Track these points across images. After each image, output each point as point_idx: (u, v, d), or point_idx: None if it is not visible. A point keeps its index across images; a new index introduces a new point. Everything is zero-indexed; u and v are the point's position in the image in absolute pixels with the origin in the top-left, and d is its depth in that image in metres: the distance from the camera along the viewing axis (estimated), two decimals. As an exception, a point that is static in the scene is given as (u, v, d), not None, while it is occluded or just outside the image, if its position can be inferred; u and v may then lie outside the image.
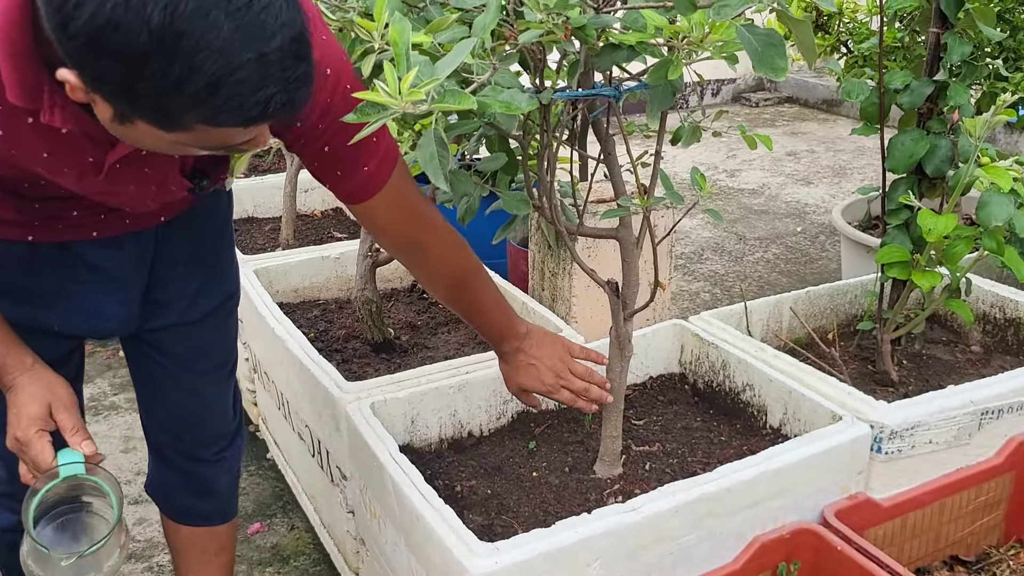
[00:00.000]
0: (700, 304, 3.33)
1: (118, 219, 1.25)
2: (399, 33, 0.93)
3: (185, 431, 1.47)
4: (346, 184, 1.20)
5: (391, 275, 2.28)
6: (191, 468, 1.50)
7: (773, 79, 0.91)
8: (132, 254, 1.29)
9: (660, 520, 1.28)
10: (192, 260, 1.36)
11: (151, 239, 1.30)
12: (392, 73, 0.88)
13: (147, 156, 1.08)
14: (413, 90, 0.83)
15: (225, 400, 1.50)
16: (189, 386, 1.43)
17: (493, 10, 0.97)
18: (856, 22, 2.75)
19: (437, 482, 1.51)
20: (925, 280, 1.66)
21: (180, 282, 1.36)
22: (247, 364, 2.27)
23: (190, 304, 1.38)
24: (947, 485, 1.56)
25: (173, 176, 1.17)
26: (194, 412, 1.46)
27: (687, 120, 1.44)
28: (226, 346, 1.49)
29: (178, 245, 1.34)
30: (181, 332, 1.39)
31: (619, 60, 1.11)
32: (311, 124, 1.11)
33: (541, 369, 1.43)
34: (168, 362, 1.41)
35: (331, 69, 1.08)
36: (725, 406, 1.72)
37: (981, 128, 1.54)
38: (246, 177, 2.90)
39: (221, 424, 1.50)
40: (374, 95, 0.86)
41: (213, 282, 1.41)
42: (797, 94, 6.77)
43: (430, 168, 0.89)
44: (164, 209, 1.29)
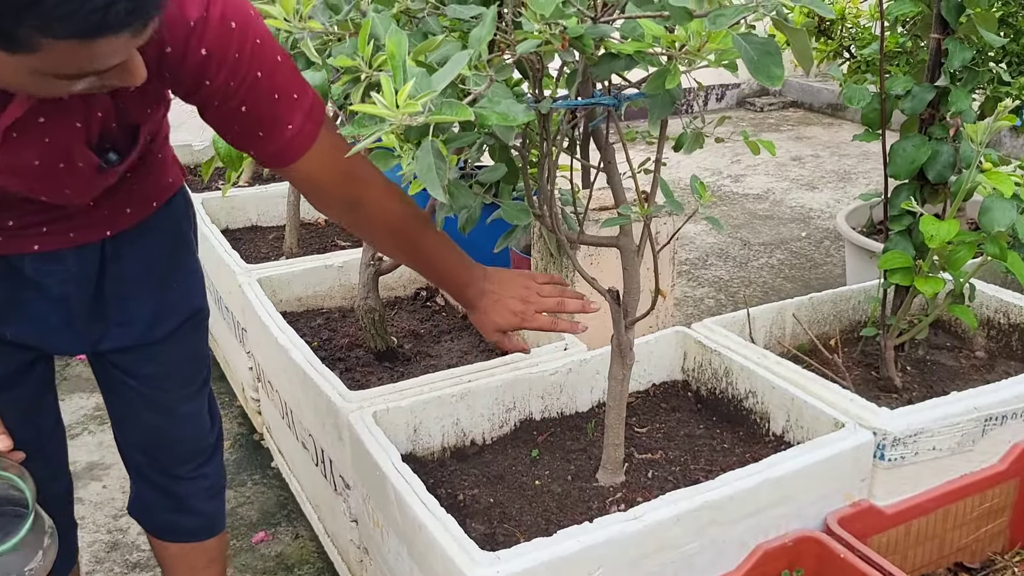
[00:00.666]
0: (704, 310, 3.33)
1: (60, 232, 1.21)
2: (396, 45, 0.93)
3: (160, 450, 1.44)
4: (271, 145, 1.14)
5: (394, 283, 2.28)
6: (169, 485, 1.47)
7: (769, 87, 0.91)
8: (73, 270, 1.24)
9: (662, 528, 1.28)
10: (146, 278, 1.32)
11: (95, 255, 1.26)
12: (389, 85, 0.88)
13: (45, 124, 1.03)
14: (410, 102, 0.84)
15: (200, 416, 1.47)
16: (161, 406, 1.40)
17: (489, 22, 0.98)
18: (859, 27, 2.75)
19: (440, 491, 1.51)
20: (928, 286, 1.66)
21: (136, 301, 1.31)
22: (251, 373, 2.28)
23: (150, 324, 1.33)
24: (951, 492, 1.55)
25: (78, 148, 1.09)
26: (168, 431, 1.43)
27: (689, 126, 1.44)
28: (196, 363, 1.45)
29: (130, 263, 1.29)
30: (146, 353, 1.35)
31: (617, 69, 1.11)
32: (221, 82, 1.06)
33: (509, 301, 1.39)
34: (137, 383, 1.37)
35: (236, 23, 1.04)
36: (728, 413, 1.72)
37: (983, 134, 1.53)
38: (249, 186, 2.91)
39: (197, 440, 1.47)
40: (371, 107, 0.86)
41: (173, 300, 1.36)
42: (802, 98, 6.77)
43: (428, 179, 0.90)
44: (108, 220, 1.24)
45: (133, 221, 1.29)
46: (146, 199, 1.31)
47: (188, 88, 1.09)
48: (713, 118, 1.49)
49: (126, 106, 1.11)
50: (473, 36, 0.98)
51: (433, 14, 1.22)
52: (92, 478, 2.35)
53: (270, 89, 1.10)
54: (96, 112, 1.08)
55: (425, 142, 0.89)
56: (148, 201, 1.32)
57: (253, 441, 2.48)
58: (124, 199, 1.27)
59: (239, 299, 2.16)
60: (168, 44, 1.03)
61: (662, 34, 1.00)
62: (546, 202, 1.38)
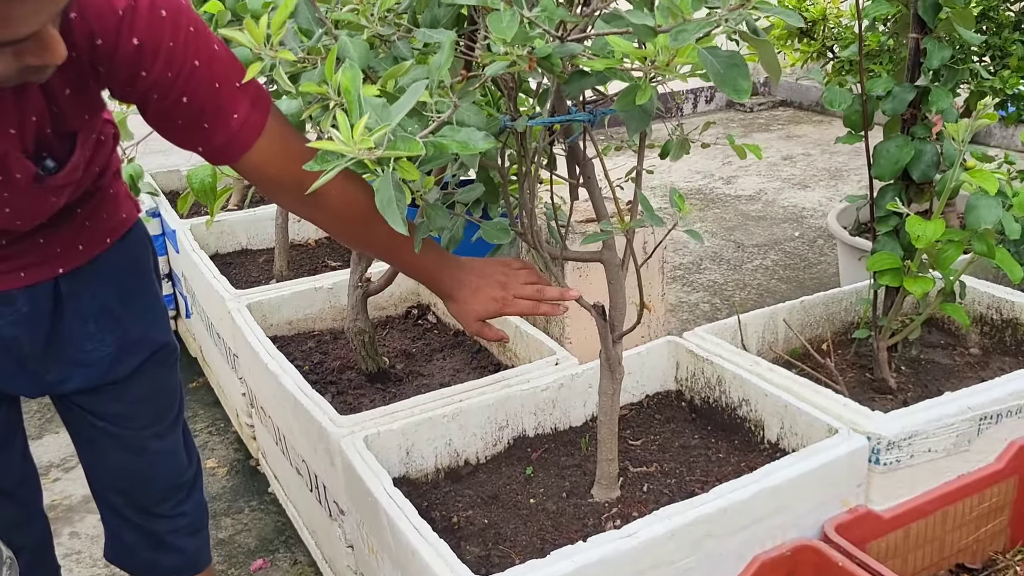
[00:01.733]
0: (700, 315, 3.32)
1: (10, 271, 1.19)
2: (350, 80, 0.93)
3: (136, 489, 1.41)
4: (218, 137, 1.10)
5: (385, 303, 2.27)
6: (148, 524, 1.43)
7: (736, 100, 0.90)
8: (24, 310, 1.21)
9: (656, 545, 1.27)
10: (104, 315, 1.28)
11: (48, 294, 1.23)
12: (345, 120, 0.88)
13: None
14: (364, 137, 0.83)
15: (175, 454, 1.44)
16: (132, 445, 1.37)
17: (447, 48, 0.97)
18: (841, 27, 2.75)
19: (434, 513, 1.50)
20: (917, 286, 1.65)
21: (95, 340, 1.28)
22: (244, 399, 2.27)
23: (112, 363, 1.30)
24: (949, 493, 1.54)
25: (14, 156, 1.05)
26: (142, 471, 1.40)
27: (675, 133, 1.43)
28: (166, 400, 1.42)
29: (88, 300, 1.26)
30: (111, 393, 1.32)
31: (588, 86, 1.11)
32: (158, 73, 1.03)
33: (488, 288, 1.34)
34: (105, 424, 1.34)
35: (167, 11, 1.02)
36: (722, 422, 1.71)
37: (964, 132, 1.53)
38: (238, 209, 2.90)
39: (174, 477, 1.44)
40: (328, 144, 0.86)
41: (135, 336, 1.33)
42: (791, 97, 6.77)
43: (387, 213, 0.89)
44: (60, 257, 1.21)
45: (86, 258, 1.26)
46: (99, 235, 1.28)
47: (124, 82, 1.05)
48: (700, 122, 1.49)
49: (61, 111, 1.08)
50: (433, 63, 0.97)
51: (404, 38, 1.21)
52: (88, 511, 2.33)
53: (210, 78, 1.07)
54: (30, 116, 1.05)
55: (385, 175, 0.88)
56: (102, 237, 1.29)
57: (249, 467, 2.47)
58: (76, 235, 1.25)
59: (229, 325, 2.16)
60: (98, 36, 1.01)
61: (631, 50, 1.00)
62: (528, 220, 1.37)
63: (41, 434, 2.61)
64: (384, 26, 1.20)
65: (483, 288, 1.36)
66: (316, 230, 2.91)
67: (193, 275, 2.57)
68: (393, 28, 1.21)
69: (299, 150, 1.16)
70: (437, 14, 1.23)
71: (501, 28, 0.89)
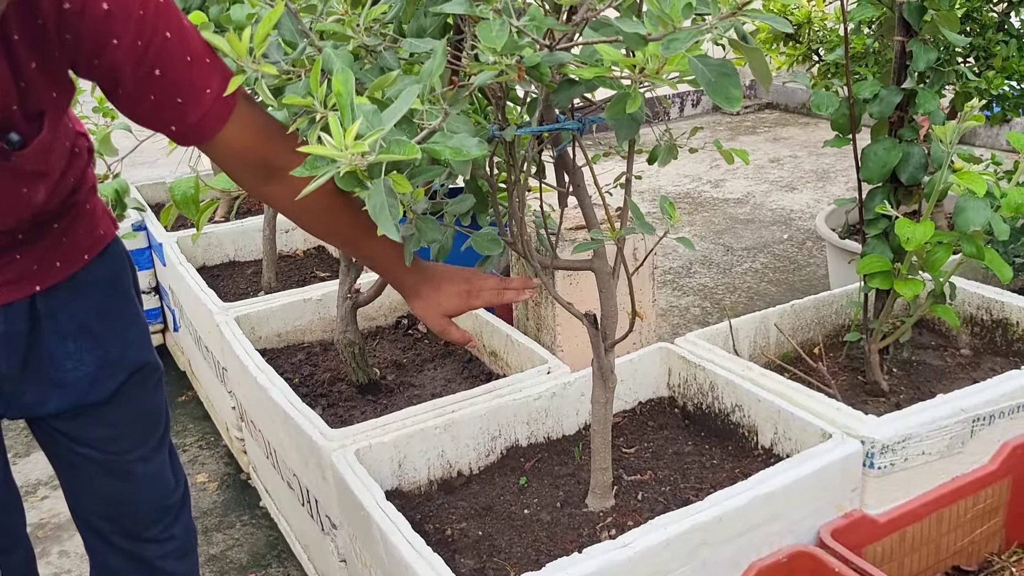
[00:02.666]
0: (690, 319, 3.32)
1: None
2: (342, 84, 0.92)
3: (123, 515, 1.37)
4: (193, 114, 1.07)
5: (375, 313, 2.26)
6: (137, 550, 1.39)
7: (728, 109, 0.90)
8: (0, 330, 1.18)
9: (652, 554, 1.26)
10: (83, 334, 1.25)
11: (24, 313, 1.20)
12: (337, 125, 0.87)
13: None
14: (357, 142, 0.82)
15: (162, 476, 1.40)
16: (117, 470, 1.33)
17: (440, 55, 0.96)
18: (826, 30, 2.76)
19: (427, 526, 1.49)
20: (907, 289, 1.65)
21: (75, 359, 1.24)
22: (234, 412, 2.25)
23: (92, 383, 1.27)
24: (943, 495, 1.54)
25: None
26: (128, 496, 1.36)
27: (663, 139, 1.43)
28: (150, 421, 1.38)
29: (66, 319, 1.23)
30: (92, 416, 1.28)
31: (577, 95, 1.10)
32: (128, 41, 1.00)
33: (452, 284, 1.33)
34: (87, 449, 1.30)
35: None
36: (716, 428, 1.71)
37: (951, 134, 1.53)
38: (225, 221, 2.89)
39: (162, 499, 1.40)
40: (320, 148, 0.85)
41: (114, 356, 1.29)
42: (778, 99, 6.80)
43: (380, 219, 0.88)
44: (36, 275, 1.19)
45: (64, 275, 1.23)
46: (76, 251, 1.26)
47: (91, 52, 1.01)
48: (687, 127, 1.48)
49: (28, 86, 1.04)
50: (424, 70, 0.96)
51: (390, 48, 1.21)
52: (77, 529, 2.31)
53: (182, 51, 1.05)
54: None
55: (376, 181, 0.87)
56: (79, 253, 1.26)
57: (240, 481, 2.45)
58: (52, 251, 1.22)
59: (217, 338, 2.14)
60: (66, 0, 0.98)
61: (620, 58, 0.99)
62: (517, 229, 1.36)
63: (28, 451, 2.58)
64: (370, 36, 1.20)
65: (447, 284, 1.35)
66: (305, 241, 2.90)
67: (180, 288, 2.55)
68: (379, 38, 1.20)
69: (269, 123, 1.14)
70: (424, 23, 1.23)
71: (491, 37, 0.88)
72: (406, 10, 1.25)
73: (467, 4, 0.91)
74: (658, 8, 0.86)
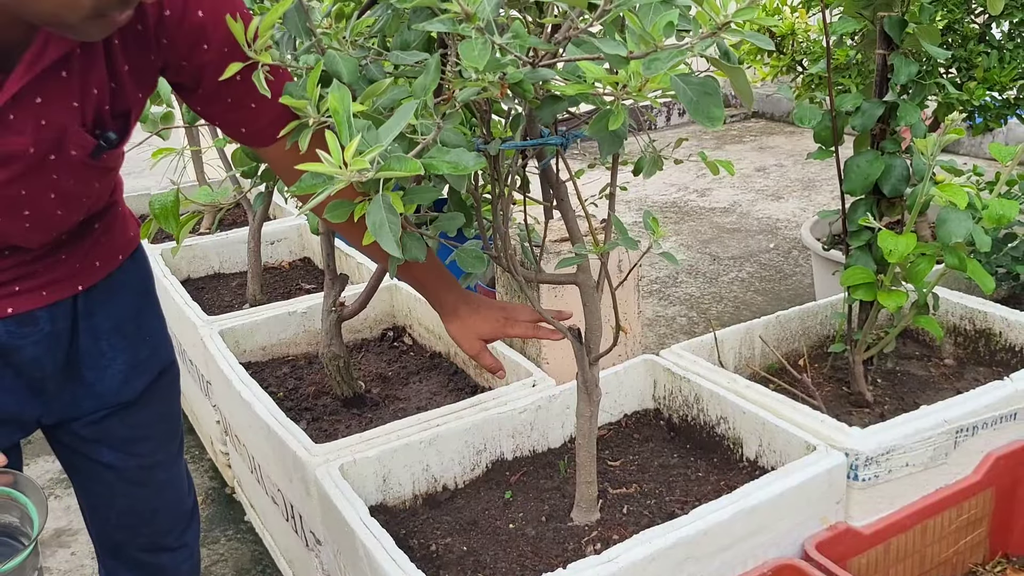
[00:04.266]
0: (677, 329, 3.32)
1: (32, 290, 1.18)
2: (339, 100, 0.92)
3: (141, 524, 1.40)
4: (263, 118, 1.14)
5: (360, 326, 2.25)
6: (154, 560, 1.42)
7: (709, 128, 0.90)
8: (47, 330, 1.21)
9: (637, 569, 1.26)
10: (117, 333, 1.29)
11: (68, 312, 1.23)
12: (335, 142, 0.87)
13: (42, 104, 1.01)
14: (357, 159, 0.82)
15: (180, 481, 1.44)
16: (138, 477, 1.36)
17: (433, 69, 0.96)
18: (809, 42, 2.78)
19: (412, 541, 1.48)
20: (891, 300, 1.66)
21: (108, 358, 1.28)
22: (219, 426, 2.23)
23: (123, 382, 1.30)
24: (927, 507, 1.54)
25: (73, 128, 1.06)
26: (149, 501, 1.39)
27: (647, 150, 1.43)
28: (171, 423, 1.42)
29: (102, 319, 1.27)
30: (118, 416, 1.31)
31: (559, 111, 1.10)
32: (216, 47, 1.07)
33: (490, 310, 1.38)
34: (111, 455, 1.33)
35: None
36: (701, 440, 1.71)
37: (932, 147, 1.54)
38: (209, 233, 2.87)
39: (178, 505, 1.44)
40: (318, 166, 0.84)
41: (144, 356, 1.33)
42: (763, 108, 6.83)
43: (380, 235, 0.88)
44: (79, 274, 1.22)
45: (102, 275, 1.27)
46: (113, 252, 1.30)
47: (183, 55, 1.08)
48: (673, 136, 1.49)
49: (120, 87, 1.09)
50: (418, 85, 0.96)
51: (376, 61, 1.21)
52: (60, 545, 2.29)
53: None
54: (92, 89, 1.06)
55: (376, 198, 0.87)
56: (115, 254, 1.30)
57: (225, 495, 2.43)
58: (92, 250, 1.26)
59: (201, 352, 2.13)
60: (167, 7, 1.05)
61: (603, 76, 0.99)
62: (501, 243, 1.36)
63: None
64: (356, 49, 1.20)
65: (486, 309, 1.39)
66: (290, 252, 2.89)
67: (164, 301, 2.53)
68: (365, 51, 1.20)
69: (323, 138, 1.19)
70: (408, 38, 1.23)
71: (473, 56, 0.88)
72: (391, 24, 1.25)
73: (450, 23, 0.91)
74: (640, 27, 0.86)
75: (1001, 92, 2.52)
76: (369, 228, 0.93)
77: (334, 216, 1.05)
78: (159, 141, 2.47)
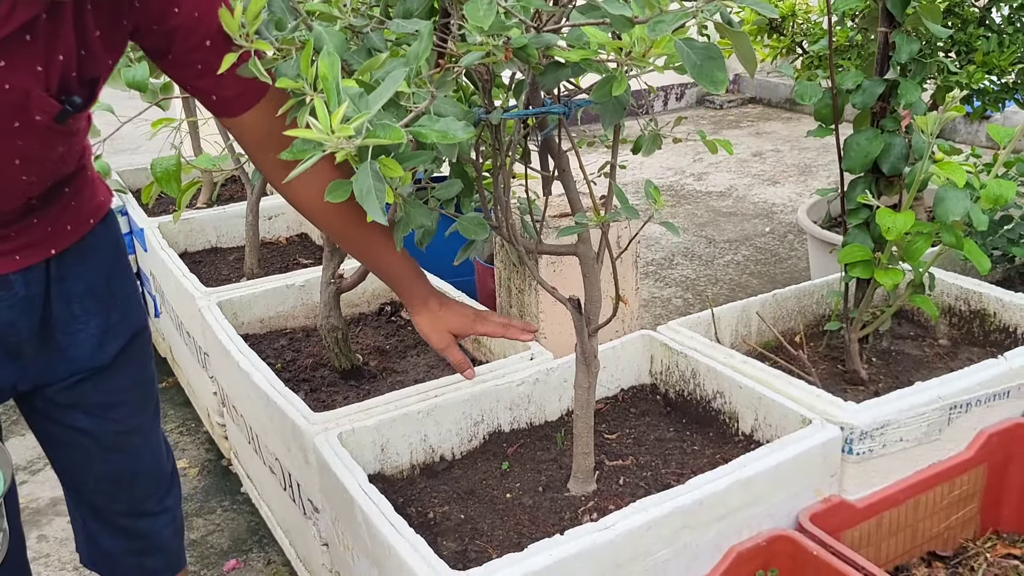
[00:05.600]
0: (672, 310, 3.33)
1: (6, 253, 1.18)
2: (328, 67, 0.91)
3: (121, 489, 1.38)
4: (231, 88, 1.13)
5: (358, 299, 2.26)
6: (134, 525, 1.41)
7: (713, 92, 0.90)
8: (21, 294, 1.20)
9: (634, 537, 1.27)
10: (89, 295, 1.28)
11: (41, 276, 1.22)
12: (323, 109, 0.87)
13: (5, 68, 0.99)
14: (343, 126, 0.82)
15: (157, 446, 1.43)
16: (115, 443, 1.35)
17: (425, 37, 0.96)
18: (809, 23, 2.78)
19: (410, 509, 1.49)
20: (887, 278, 1.67)
21: (81, 321, 1.27)
22: (216, 398, 2.24)
23: (96, 346, 1.29)
24: (920, 482, 1.56)
25: (36, 93, 1.04)
26: (127, 466, 1.37)
27: (647, 128, 1.44)
28: (146, 387, 1.40)
29: (73, 283, 1.25)
30: (94, 380, 1.30)
31: (563, 78, 1.10)
32: (187, 11, 1.06)
33: (459, 306, 1.39)
34: (87, 420, 1.31)
35: None
36: (697, 415, 1.72)
37: (932, 125, 1.54)
38: (208, 207, 2.87)
39: (158, 470, 1.42)
40: (306, 132, 0.85)
41: (115, 320, 1.32)
42: (761, 94, 6.83)
43: (367, 203, 0.88)
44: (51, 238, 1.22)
45: (74, 238, 1.26)
46: (84, 215, 1.29)
47: (154, 18, 1.07)
48: (672, 118, 1.49)
49: (89, 53, 1.08)
50: (411, 53, 0.96)
51: (377, 30, 1.20)
52: (56, 514, 2.29)
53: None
54: (58, 55, 1.04)
55: (364, 165, 0.87)
56: (85, 217, 1.29)
57: (221, 467, 2.44)
58: (63, 214, 1.25)
59: (199, 323, 2.13)
60: None
61: (607, 41, 0.99)
62: (502, 213, 1.37)
63: (7, 436, 2.56)
64: (357, 17, 1.19)
65: (456, 305, 1.40)
66: (288, 227, 2.89)
67: (162, 274, 2.54)
68: (366, 19, 1.20)
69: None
70: (410, 5, 1.22)
71: (478, 16, 0.88)
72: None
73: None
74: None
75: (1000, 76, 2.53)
76: (356, 195, 0.91)
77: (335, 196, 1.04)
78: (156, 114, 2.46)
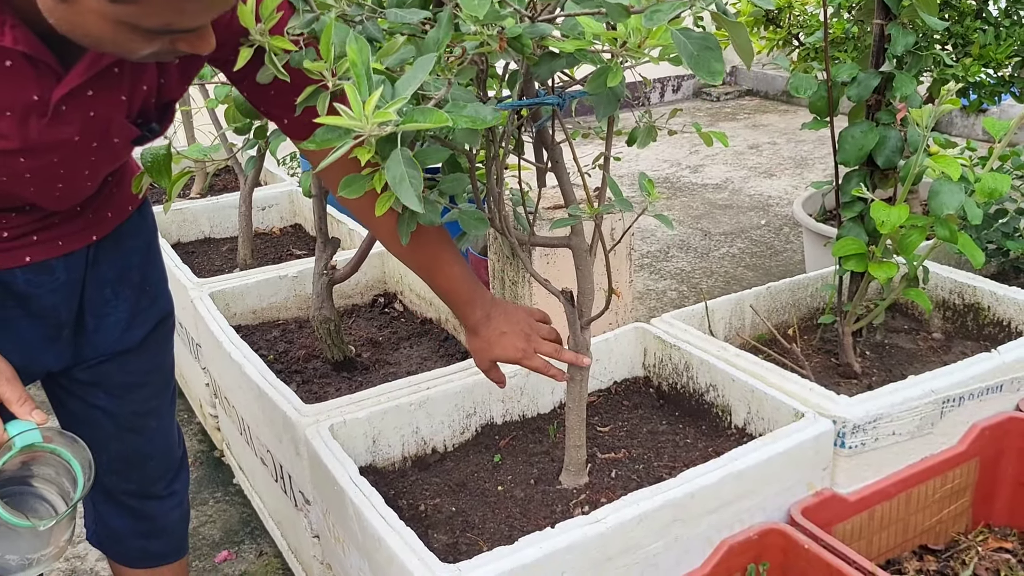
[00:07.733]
0: (667, 302, 3.33)
1: (50, 240, 1.22)
2: (356, 53, 0.90)
3: (133, 470, 1.43)
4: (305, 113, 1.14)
5: (351, 291, 2.25)
6: (142, 507, 1.46)
7: (710, 82, 0.89)
8: (62, 279, 1.25)
9: (625, 530, 1.27)
10: (121, 281, 1.32)
11: (81, 262, 1.27)
12: (355, 95, 0.86)
13: (93, 97, 1.05)
14: (380, 111, 0.81)
15: (171, 430, 1.47)
16: (132, 424, 1.39)
17: (445, 24, 0.95)
18: (806, 14, 2.77)
19: (401, 502, 1.48)
20: (882, 271, 1.66)
21: (112, 305, 1.32)
22: (208, 389, 2.23)
23: (125, 330, 1.34)
24: (912, 475, 1.56)
25: (118, 122, 1.11)
26: (141, 448, 1.42)
27: (642, 120, 1.43)
28: (166, 372, 1.45)
29: (107, 268, 1.30)
30: (119, 362, 1.35)
31: (558, 68, 1.09)
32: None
33: (513, 336, 1.36)
34: (106, 400, 1.35)
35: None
36: (690, 408, 1.72)
37: (927, 118, 1.54)
38: (201, 197, 2.85)
39: (169, 453, 1.47)
40: (337, 119, 0.84)
41: (144, 305, 1.37)
42: (757, 87, 6.82)
43: (401, 190, 0.87)
44: (92, 225, 1.26)
45: (113, 226, 1.30)
46: (123, 203, 1.33)
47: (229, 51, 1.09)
48: (667, 110, 1.49)
49: (168, 82, 1.13)
50: (430, 39, 0.95)
51: (371, 19, 1.19)
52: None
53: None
54: (142, 86, 1.10)
55: (395, 152, 0.86)
56: (124, 205, 1.34)
57: (213, 458, 2.43)
58: (105, 203, 1.29)
59: (192, 314, 2.12)
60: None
61: (602, 31, 0.99)
62: (495, 205, 1.36)
63: None
64: (351, 6, 1.18)
65: (509, 335, 1.37)
66: (281, 218, 2.87)
67: (154, 263, 2.52)
68: (361, 9, 1.18)
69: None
70: (404, -6, 1.21)
71: (473, 5, 0.87)
72: (387, -20, 1.24)
73: (449, -29, 0.90)
74: (640, -21, 0.86)
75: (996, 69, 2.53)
76: (389, 183, 0.91)
77: (350, 191, 1.05)
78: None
